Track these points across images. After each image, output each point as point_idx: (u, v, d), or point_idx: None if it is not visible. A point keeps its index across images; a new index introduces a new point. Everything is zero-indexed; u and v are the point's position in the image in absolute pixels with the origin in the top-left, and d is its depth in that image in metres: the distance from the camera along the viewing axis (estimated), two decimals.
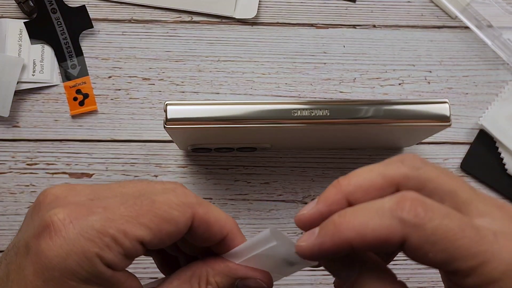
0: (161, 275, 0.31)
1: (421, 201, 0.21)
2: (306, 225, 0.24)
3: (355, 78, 0.45)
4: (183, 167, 0.43)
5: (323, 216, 0.24)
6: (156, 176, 0.42)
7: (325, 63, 0.45)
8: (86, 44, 0.44)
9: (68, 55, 0.44)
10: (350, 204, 0.23)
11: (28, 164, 0.42)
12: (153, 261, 0.31)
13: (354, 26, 0.46)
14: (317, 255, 0.23)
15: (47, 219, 0.22)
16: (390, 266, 0.33)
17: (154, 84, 0.44)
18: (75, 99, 0.43)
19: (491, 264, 0.20)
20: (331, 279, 0.42)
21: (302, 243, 0.23)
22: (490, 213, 0.22)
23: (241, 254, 0.26)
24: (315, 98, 0.44)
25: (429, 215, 0.21)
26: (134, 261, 0.24)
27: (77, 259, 0.21)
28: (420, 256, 0.21)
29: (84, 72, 0.44)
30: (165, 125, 0.32)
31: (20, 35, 0.43)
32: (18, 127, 0.42)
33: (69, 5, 0.44)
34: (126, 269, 0.24)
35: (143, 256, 0.24)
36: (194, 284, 0.25)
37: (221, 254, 0.27)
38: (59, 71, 0.44)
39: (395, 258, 0.32)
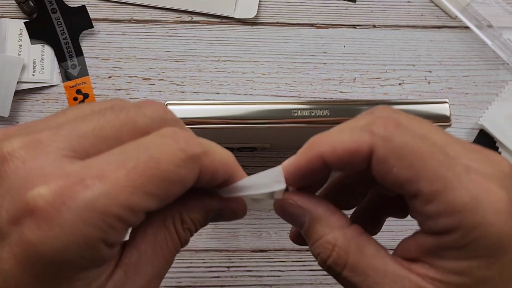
0: None
1: (395, 118, 0.21)
2: (288, 180, 0.23)
3: (355, 78, 0.45)
4: None
5: (302, 172, 0.23)
6: None
7: (325, 63, 0.45)
8: (86, 44, 0.44)
9: (68, 55, 0.44)
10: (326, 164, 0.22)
11: None
12: None
13: (354, 26, 0.46)
14: (296, 174, 0.22)
15: (29, 200, 0.17)
16: None
17: (154, 84, 0.44)
18: (75, 99, 0.43)
19: (455, 192, 0.19)
20: (331, 279, 0.42)
21: (285, 163, 0.23)
22: (467, 154, 0.21)
23: (237, 190, 0.24)
24: (315, 98, 0.44)
25: (401, 131, 0.20)
26: None
27: (78, 249, 0.18)
28: (384, 171, 0.20)
29: (84, 72, 0.44)
30: None
31: (20, 35, 0.43)
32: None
33: (69, 5, 0.44)
34: None
35: None
36: (170, 227, 0.23)
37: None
38: (59, 71, 0.43)
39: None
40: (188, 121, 0.32)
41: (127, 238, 0.22)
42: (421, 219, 0.20)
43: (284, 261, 0.42)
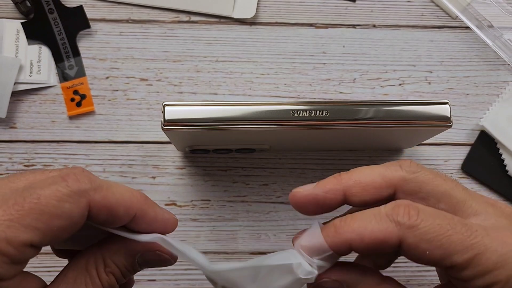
0: None
1: (414, 206, 0.23)
2: (297, 203, 0.25)
3: (355, 79, 0.44)
4: (181, 168, 0.42)
5: (317, 200, 0.25)
6: (154, 177, 0.42)
7: (324, 63, 0.44)
8: (83, 45, 0.44)
9: (66, 55, 0.43)
10: (346, 197, 0.25)
11: (25, 166, 0.42)
12: None
13: (354, 26, 0.45)
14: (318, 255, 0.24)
15: None
16: (391, 268, 0.33)
17: (151, 85, 0.43)
18: (72, 100, 0.43)
19: (484, 255, 0.22)
20: None
21: (305, 245, 0.24)
22: (483, 210, 0.24)
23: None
24: (314, 98, 0.44)
25: (422, 216, 0.23)
26: None
27: None
28: (418, 255, 0.22)
29: (81, 73, 0.43)
30: (163, 126, 0.32)
31: (17, 36, 0.43)
32: (15, 128, 0.42)
33: (66, 5, 0.43)
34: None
35: None
36: (91, 270, 0.23)
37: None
38: (56, 72, 0.43)
39: (396, 261, 0.32)
40: (186, 122, 0.32)
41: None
42: (459, 282, 0.23)
43: None
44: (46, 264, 0.40)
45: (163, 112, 0.32)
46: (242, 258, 0.41)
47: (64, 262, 0.25)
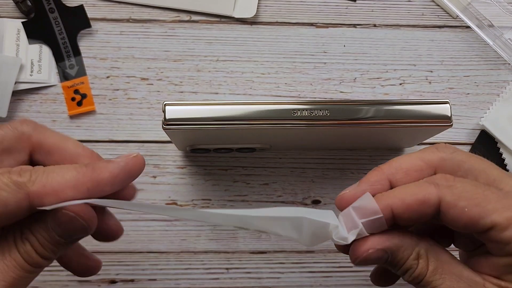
0: None
1: (450, 175, 0.24)
2: (348, 205, 0.25)
3: (355, 78, 0.44)
4: (182, 167, 0.42)
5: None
6: (154, 177, 0.42)
7: (325, 63, 0.45)
8: (84, 44, 0.44)
9: (66, 55, 0.43)
10: (391, 184, 0.26)
11: None
12: None
13: (354, 26, 0.45)
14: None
15: None
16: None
17: (152, 84, 0.43)
18: (73, 99, 0.43)
19: None
20: (331, 281, 0.42)
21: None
22: None
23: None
24: (315, 98, 0.44)
25: (458, 179, 0.24)
26: None
27: None
28: (457, 214, 0.23)
29: (82, 72, 0.43)
30: (164, 126, 0.32)
31: (18, 35, 0.43)
32: None
33: (67, 4, 0.43)
34: None
35: None
36: (10, 238, 0.24)
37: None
38: (57, 71, 0.43)
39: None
40: (187, 122, 0.32)
41: None
42: (498, 246, 0.23)
43: (284, 263, 0.41)
44: None
45: (164, 111, 0.32)
46: (242, 257, 0.42)
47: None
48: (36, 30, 0.43)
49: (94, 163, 0.25)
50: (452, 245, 0.29)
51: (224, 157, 0.43)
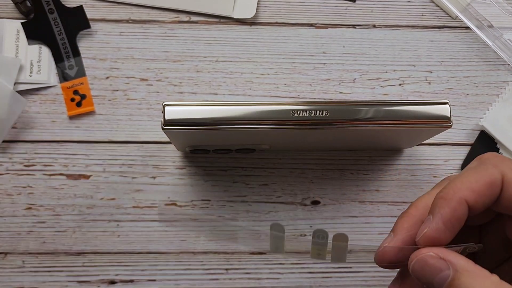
0: None
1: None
2: (390, 260, 0.25)
3: (355, 79, 0.44)
4: (181, 168, 0.42)
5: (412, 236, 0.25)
6: (154, 177, 0.42)
7: (324, 64, 0.45)
8: (83, 45, 0.44)
9: (66, 55, 0.43)
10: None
11: (25, 166, 0.42)
12: None
13: (354, 26, 0.45)
14: (447, 228, 0.24)
15: None
16: None
17: (152, 85, 0.43)
18: (72, 100, 0.43)
19: None
20: (330, 282, 0.42)
21: (432, 227, 0.24)
22: None
23: None
24: (314, 98, 0.44)
25: (507, 157, 0.24)
26: None
27: None
28: None
29: (81, 73, 0.43)
30: (163, 126, 0.32)
31: (17, 36, 0.43)
32: (15, 128, 0.42)
33: (66, 5, 0.43)
34: None
35: None
36: None
37: None
38: (56, 72, 0.43)
39: None
40: (186, 122, 0.32)
41: None
42: None
43: (283, 264, 0.41)
44: (46, 264, 0.40)
45: (163, 112, 0.32)
46: (242, 258, 0.41)
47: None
48: (36, 31, 0.43)
49: None
50: None
51: (224, 157, 0.43)
